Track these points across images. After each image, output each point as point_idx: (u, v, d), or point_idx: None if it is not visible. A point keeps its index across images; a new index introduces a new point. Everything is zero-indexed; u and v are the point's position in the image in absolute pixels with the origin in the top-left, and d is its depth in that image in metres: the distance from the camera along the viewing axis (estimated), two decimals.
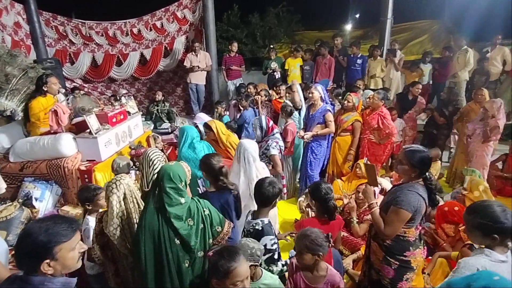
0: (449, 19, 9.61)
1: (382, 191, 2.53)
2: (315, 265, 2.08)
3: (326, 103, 4.35)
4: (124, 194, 2.32)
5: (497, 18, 6.59)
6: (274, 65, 6.98)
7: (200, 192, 3.07)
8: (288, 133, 4.39)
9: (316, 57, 7.17)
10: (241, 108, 5.26)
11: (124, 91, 5.79)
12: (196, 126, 4.14)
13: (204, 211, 2.16)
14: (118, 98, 4.73)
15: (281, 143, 3.70)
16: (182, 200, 2.08)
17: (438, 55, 7.71)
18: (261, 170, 3.01)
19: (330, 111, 4.28)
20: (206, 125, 4.13)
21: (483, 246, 1.71)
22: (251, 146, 2.90)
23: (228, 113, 5.17)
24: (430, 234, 3.52)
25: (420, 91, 5.70)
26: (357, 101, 4.59)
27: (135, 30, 7.40)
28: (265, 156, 3.58)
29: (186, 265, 2.10)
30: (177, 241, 2.06)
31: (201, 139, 4.21)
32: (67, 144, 3.70)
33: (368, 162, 2.61)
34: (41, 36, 7.15)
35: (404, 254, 2.24)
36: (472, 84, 6.57)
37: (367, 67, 6.97)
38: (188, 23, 7.40)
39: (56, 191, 3.72)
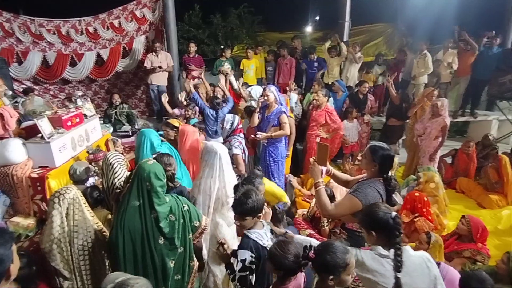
0: (402, 23, 10.11)
1: (328, 172, 2.56)
2: None
3: (281, 104, 4.33)
4: (67, 209, 2.15)
5: (447, 23, 6.98)
6: (227, 65, 6.90)
7: None
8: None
9: (277, 58, 7.24)
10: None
11: (80, 93, 5.38)
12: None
13: (183, 206, 2.17)
14: (73, 100, 4.41)
15: (244, 145, 3.63)
16: (167, 198, 2.09)
17: (392, 57, 8.10)
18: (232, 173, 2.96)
19: (285, 113, 4.24)
20: (168, 124, 3.99)
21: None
22: (223, 150, 2.83)
23: (197, 115, 5.02)
24: None
25: (367, 89, 5.95)
26: (284, 100, 4.69)
27: (90, 29, 6.98)
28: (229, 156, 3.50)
29: (172, 264, 2.09)
30: (161, 240, 2.05)
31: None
32: (15, 150, 3.41)
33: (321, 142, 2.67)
34: None
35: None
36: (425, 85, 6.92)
37: (328, 67, 7.19)
38: (148, 23, 7.12)
39: (4, 201, 3.43)
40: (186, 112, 4.94)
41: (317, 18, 12.45)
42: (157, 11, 7.05)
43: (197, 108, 4.87)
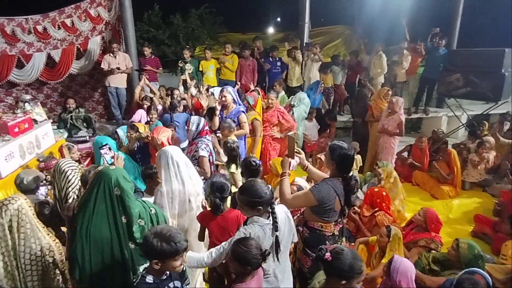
0: (360, 25, 10.52)
1: (304, 166, 2.67)
2: None
3: (239, 104, 4.37)
4: (11, 221, 2.00)
5: (401, 25, 7.33)
6: (188, 66, 6.79)
7: None
8: None
9: (239, 59, 7.23)
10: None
11: (29, 97, 5.02)
12: (116, 133, 3.82)
13: (151, 210, 2.13)
14: (21, 105, 4.11)
15: (211, 147, 3.59)
16: (137, 202, 2.05)
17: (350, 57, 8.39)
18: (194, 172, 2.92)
19: (243, 113, 4.29)
20: (133, 127, 3.85)
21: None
22: (174, 150, 2.80)
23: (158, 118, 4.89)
24: (352, 218, 3.82)
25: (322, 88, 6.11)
26: (252, 101, 4.73)
27: (39, 28, 6.54)
28: (194, 158, 3.44)
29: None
30: (132, 245, 2.01)
31: (121, 147, 3.91)
32: None
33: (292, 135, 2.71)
34: None
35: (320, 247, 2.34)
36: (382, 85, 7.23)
37: (289, 68, 7.27)
38: (104, 22, 6.81)
39: None
40: (150, 116, 4.80)
41: (278, 19, 12.62)
42: (113, 10, 6.77)
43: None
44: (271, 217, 2.00)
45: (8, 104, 6.78)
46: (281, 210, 2.10)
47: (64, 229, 2.71)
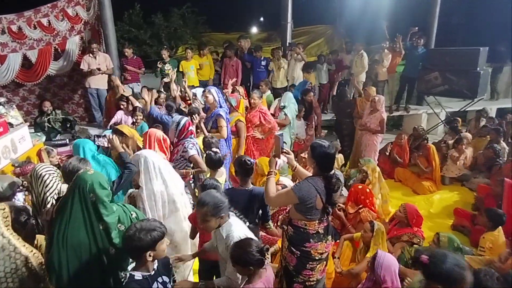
0: (341, 25, 10.65)
1: (293, 167, 2.71)
2: None
3: (220, 106, 4.31)
4: None
5: (381, 25, 7.46)
6: (167, 67, 6.72)
7: None
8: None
9: (224, 58, 7.20)
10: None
11: (3, 99, 4.80)
12: (104, 136, 3.73)
13: (131, 214, 2.11)
14: None
15: (198, 147, 3.55)
16: (114, 207, 2.02)
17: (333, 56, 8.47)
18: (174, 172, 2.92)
19: (221, 115, 4.21)
20: (117, 131, 3.77)
21: None
22: (150, 153, 2.81)
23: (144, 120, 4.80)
24: (337, 216, 3.88)
25: (311, 98, 6.16)
26: (234, 102, 4.74)
27: (14, 28, 6.31)
28: (184, 159, 3.40)
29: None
30: (112, 251, 1.98)
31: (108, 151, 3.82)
32: None
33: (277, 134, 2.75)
34: None
35: (304, 245, 2.38)
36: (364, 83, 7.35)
37: (271, 67, 7.28)
38: (82, 22, 6.64)
39: None
40: (135, 118, 4.71)
41: (261, 19, 12.64)
42: (92, 10, 6.61)
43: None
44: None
45: None
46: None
47: (39, 236, 2.63)
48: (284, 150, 2.57)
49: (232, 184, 4.27)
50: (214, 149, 3.34)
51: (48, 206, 2.62)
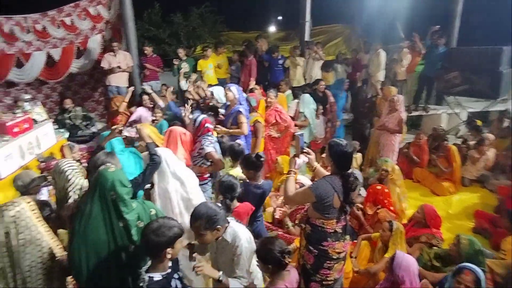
0: (359, 24, 10.53)
1: (312, 168, 2.76)
2: None
3: (240, 104, 4.35)
4: (9, 227, 2.00)
5: (399, 25, 7.34)
6: (184, 65, 6.79)
7: None
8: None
9: (242, 58, 7.24)
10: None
11: (28, 97, 4.99)
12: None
13: (150, 211, 2.11)
14: (21, 104, 4.10)
15: (216, 145, 3.58)
16: (134, 205, 2.02)
17: (351, 56, 8.40)
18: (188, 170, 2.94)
19: (241, 112, 4.26)
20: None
21: None
22: (164, 151, 2.83)
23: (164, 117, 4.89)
24: (355, 215, 3.85)
25: (323, 87, 6.12)
26: (255, 102, 4.76)
27: (38, 27, 6.51)
28: (200, 156, 3.44)
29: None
30: (131, 248, 2.00)
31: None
32: None
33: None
34: None
35: (322, 243, 2.38)
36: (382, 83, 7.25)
37: (288, 65, 7.26)
38: (104, 21, 6.79)
39: None
40: (155, 115, 4.78)
41: (279, 18, 12.62)
42: (113, 9, 6.75)
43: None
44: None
45: (6, 104, 6.75)
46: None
47: (60, 231, 2.71)
48: (304, 150, 2.58)
49: None
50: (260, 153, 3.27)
51: (70, 201, 2.70)
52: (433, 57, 7.03)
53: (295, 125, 5.29)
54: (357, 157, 5.49)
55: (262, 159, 2.99)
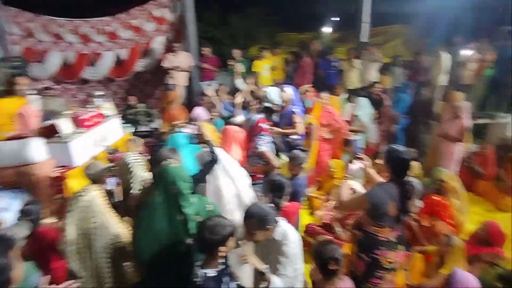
0: (420, 24, 9.93)
1: (369, 175, 2.73)
2: None
3: (293, 104, 4.39)
4: (83, 212, 2.21)
5: (466, 24, 6.84)
6: (239, 66, 6.91)
7: None
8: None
9: (297, 59, 7.23)
10: None
11: (100, 93, 5.50)
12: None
13: (207, 207, 2.20)
14: (93, 100, 4.52)
15: (270, 145, 3.63)
16: (193, 199, 2.13)
17: (411, 58, 7.96)
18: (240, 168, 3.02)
19: (295, 112, 4.32)
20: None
21: None
22: (218, 151, 2.92)
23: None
24: (409, 226, 3.66)
25: (380, 90, 5.86)
26: (310, 104, 4.71)
27: (109, 29, 7.10)
28: (255, 156, 3.51)
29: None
30: (188, 241, 2.08)
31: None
32: (37, 150, 3.46)
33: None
34: (5, 33, 6.69)
35: (374, 251, 2.31)
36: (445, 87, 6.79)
37: (345, 69, 7.08)
38: (167, 23, 7.21)
39: (26, 200, 3.47)
40: (211, 114, 4.97)
41: (336, 18, 12.36)
42: (177, 11, 7.12)
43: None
44: None
45: (80, 99, 7.43)
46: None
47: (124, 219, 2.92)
48: (359, 156, 2.53)
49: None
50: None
51: (133, 191, 2.91)
52: (504, 60, 6.42)
53: (351, 130, 5.18)
54: (414, 166, 5.21)
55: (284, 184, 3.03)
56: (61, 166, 3.59)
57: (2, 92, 3.88)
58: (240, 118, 4.82)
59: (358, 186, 3.71)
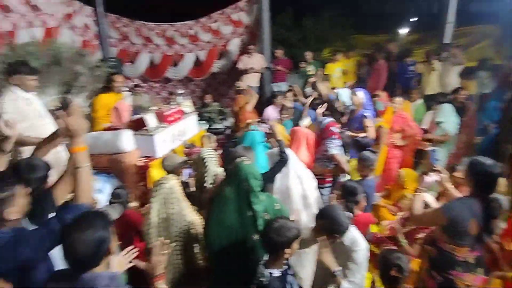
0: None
1: (444, 188, 2.56)
2: None
3: (365, 108, 4.24)
4: (165, 198, 2.40)
5: None
6: (310, 68, 6.85)
7: None
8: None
9: (371, 62, 6.97)
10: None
11: (181, 91, 5.97)
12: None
13: (275, 206, 2.24)
14: (175, 98, 4.92)
15: (341, 149, 3.59)
16: (263, 197, 2.19)
17: (500, 61, 7.09)
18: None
19: (366, 116, 4.17)
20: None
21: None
22: (289, 150, 3.00)
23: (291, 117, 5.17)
24: (489, 249, 3.30)
25: (464, 97, 5.31)
26: (382, 107, 4.47)
27: (192, 32, 7.63)
28: (325, 158, 3.50)
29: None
30: (256, 237, 2.13)
31: None
32: (127, 140, 3.89)
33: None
34: (106, 37, 7.65)
35: (448, 271, 2.14)
36: None
37: (422, 73, 6.62)
38: (243, 26, 7.50)
39: (116, 185, 3.92)
40: (282, 114, 5.07)
41: (415, 19, 11.59)
42: (253, 14, 7.37)
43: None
44: None
45: (163, 97, 8.11)
46: None
47: None
48: (436, 168, 2.36)
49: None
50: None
51: (206, 185, 3.11)
52: None
53: (430, 140, 4.82)
54: (501, 182, 4.65)
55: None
56: (145, 157, 3.98)
57: (102, 88, 4.45)
58: (307, 120, 4.84)
59: (431, 200, 3.47)
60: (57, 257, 1.57)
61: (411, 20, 11.63)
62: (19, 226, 1.60)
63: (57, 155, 2.82)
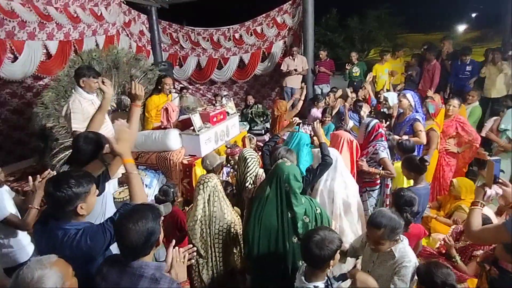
0: None
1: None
2: None
3: (416, 111, 4.02)
4: (209, 195, 2.47)
5: None
6: (355, 69, 6.68)
7: None
8: None
9: (422, 62, 6.63)
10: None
11: (225, 93, 6.20)
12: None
13: (316, 210, 2.22)
14: (219, 99, 5.09)
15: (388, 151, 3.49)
16: (303, 200, 2.17)
17: None
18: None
19: (418, 120, 3.93)
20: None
21: None
22: (337, 154, 2.95)
23: (333, 120, 5.11)
24: None
25: None
26: (433, 109, 4.18)
27: (237, 35, 7.83)
28: (374, 161, 3.42)
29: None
30: (295, 239, 2.12)
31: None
32: (174, 139, 4.10)
33: (490, 158, 2.24)
34: (158, 42, 8.12)
35: None
36: None
37: (485, 74, 6.13)
38: (287, 28, 7.54)
39: (162, 180, 4.15)
40: (324, 118, 5.03)
41: (472, 15, 10.83)
42: (297, 17, 7.38)
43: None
44: None
45: (208, 98, 8.40)
46: None
47: (236, 209, 3.17)
48: (500, 180, 2.11)
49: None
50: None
51: (247, 185, 3.16)
52: None
53: (489, 149, 4.45)
54: None
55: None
56: (190, 155, 4.16)
57: (154, 90, 4.74)
58: (351, 123, 4.75)
59: (491, 213, 3.19)
60: (114, 247, 1.71)
61: (468, 17, 10.91)
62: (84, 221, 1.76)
63: None
